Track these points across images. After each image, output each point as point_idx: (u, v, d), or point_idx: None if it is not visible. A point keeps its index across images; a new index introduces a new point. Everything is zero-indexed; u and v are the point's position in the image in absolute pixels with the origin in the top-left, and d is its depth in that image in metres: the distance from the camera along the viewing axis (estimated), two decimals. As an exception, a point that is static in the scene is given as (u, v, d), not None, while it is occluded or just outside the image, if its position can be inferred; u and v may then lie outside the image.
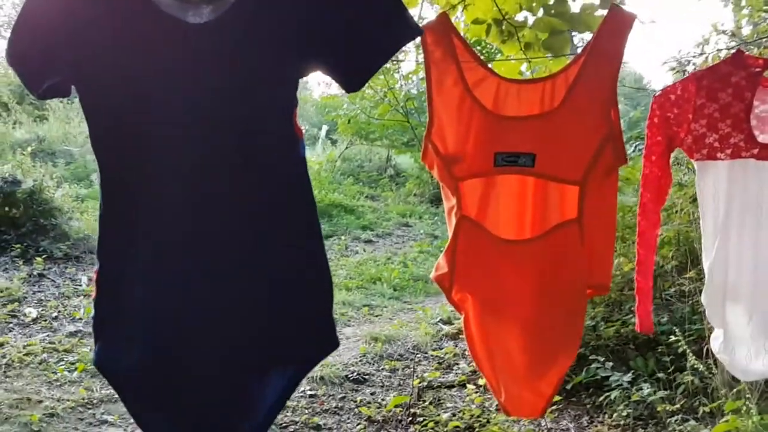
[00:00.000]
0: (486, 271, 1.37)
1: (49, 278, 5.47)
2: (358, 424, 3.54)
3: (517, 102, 1.35)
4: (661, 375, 3.65)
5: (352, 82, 1.16)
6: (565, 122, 1.30)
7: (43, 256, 5.69)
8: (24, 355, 4.01)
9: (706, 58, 5.06)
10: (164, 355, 1.13)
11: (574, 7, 1.90)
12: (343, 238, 7.77)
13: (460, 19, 2.07)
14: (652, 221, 1.65)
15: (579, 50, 1.49)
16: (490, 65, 1.36)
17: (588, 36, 1.90)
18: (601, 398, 3.68)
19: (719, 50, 6.09)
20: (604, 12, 1.86)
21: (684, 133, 1.56)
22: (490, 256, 1.36)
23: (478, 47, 6.61)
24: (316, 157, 11.45)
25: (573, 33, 2.29)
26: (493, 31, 1.98)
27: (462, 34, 1.41)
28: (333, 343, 1.19)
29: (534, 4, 1.94)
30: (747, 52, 1.59)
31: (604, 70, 1.31)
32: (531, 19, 1.99)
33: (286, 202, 1.13)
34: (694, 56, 6.16)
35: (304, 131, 1.18)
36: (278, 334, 1.15)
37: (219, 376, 1.14)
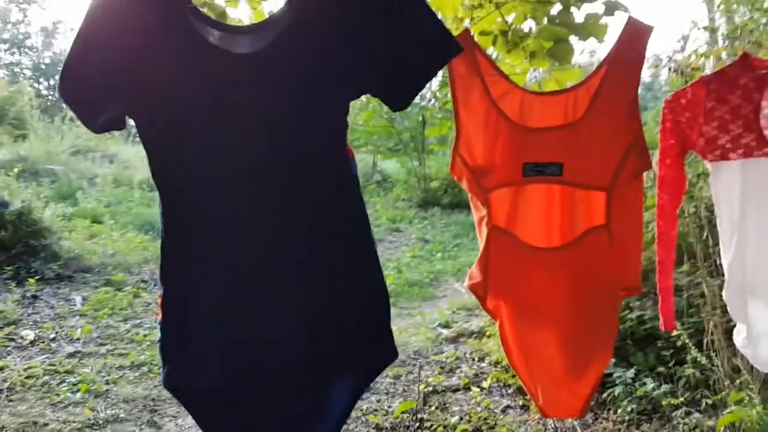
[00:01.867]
0: (518, 278, 1.40)
1: (42, 299, 5.42)
2: (366, 432, 3.55)
3: (542, 113, 1.39)
4: (661, 369, 3.70)
5: (398, 101, 1.19)
6: (590, 131, 1.34)
7: (36, 278, 5.64)
8: (25, 378, 3.97)
9: (690, 55, 5.15)
10: (236, 374, 1.17)
11: (579, 16, 1.94)
12: (334, 245, 7.76)
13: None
14: (670, 222, 1.69)
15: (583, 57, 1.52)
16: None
17: (595, 44, 1.93)
18: (605, 394, 3.72)
19: (699, 47, 6.19)
20: (608, 19, 1.90)
21: (696, 136, 1.60)
22: (522, 263, 1.40)
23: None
24: (301, 165, 11.43)
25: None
26: (499, 41, 2.01)
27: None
28: (393, 354, 1.23)
29: (538, 14, 1.97)
30: (726, 47, 1.63)
31: (625, 79, 1.35)
32: (535, 29, 2.02)
33: (342, 220, 1.17)
34: (676, 52, 6.26)
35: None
36: (342, 346, 1.19)
37: (289, 390, 1.18)
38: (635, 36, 1.35)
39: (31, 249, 5.99)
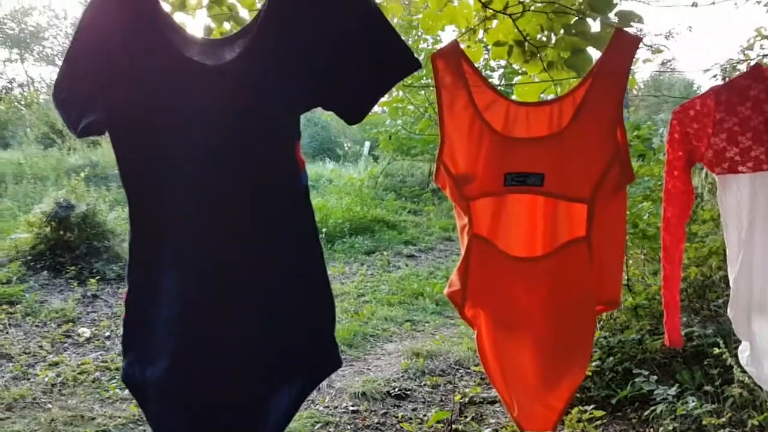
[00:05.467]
0: (497, 287, 1.40)
1: (102, 299, 5.67)
2: (399, 440, 3.57)
3: (526, 124, 1.39)
4: (708, 388, 3.58)
5: (350, 115, 1.21)
6: (573, 142, 1.33)
7: (97, 278, 5.90)
8: (78, 373, 4.16)
9: (749, 63, 4.97)
10: (185, 369, 1.21)
11: (594, 27, 1.92)
12: (385, 253, 7.82)
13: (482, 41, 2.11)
14: (676, 236, 1.65)
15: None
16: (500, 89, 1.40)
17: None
18: (647, 412, 3.62)
19: (765, 56, 5.98)
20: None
21: (704, 148, 1.57)
22: (501, 273, 1.40)
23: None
24: (358, 174, 11.57)
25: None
26: (515, 51, 2.01)
27: (485, 56, 1.45)
28: (336, 363, 1.26)
29: (554, 25, 1.97)
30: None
31: (610, 91, 1.33)
32: (553, 39, 2.02)
33: (289, 230, 1.20)
34: (738, 62, 6.06)
35: (347, 146, 1.24)
36: (286, 355, 1.22)
37: (231, 394, 1.22)
38: (622, 48, 1.33)
39: (94, 250, 6.28)
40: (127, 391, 3.97)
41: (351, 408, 3.90)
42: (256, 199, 1.18)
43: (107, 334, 4.94)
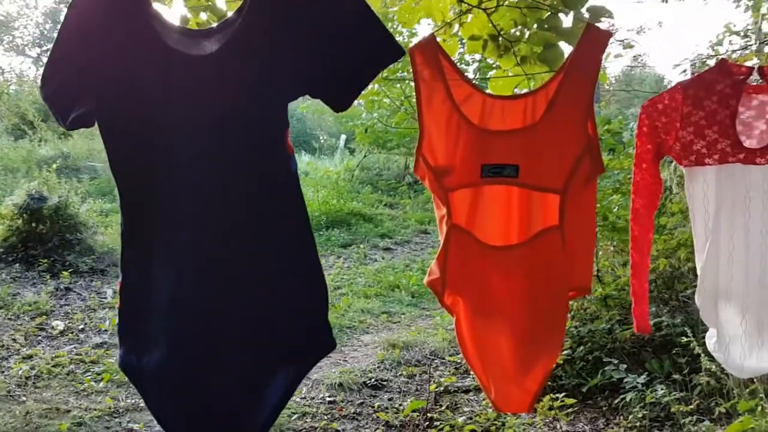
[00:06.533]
0: (475, 275, 1.45)
1: (75, 291, 5.63)
2: (376, 429, 3.61)
3: (502, 117, 1.43)
4: (677, 376, 3.67)
5: (337, 102, 1.23)
6: (546, 135, 1.38)
7: (70, 270, 5.85)
8: (52, 366, 4.14)
9: (718, 58, 5.07)
10: (182, 359, 1.23)
11: (567, 22, 1.97)
12: (361, 246, 7.85)
13: (456, 35, 2.14)
14: (645, 226, 1.70)
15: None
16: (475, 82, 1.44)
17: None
18: (617, 400, 3.71)
19: (734, 51, 6.10)
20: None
21: (672, 141, 1.62)
22: (479, 261, 1.44)
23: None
24: (334, 167, 11.56)
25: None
26: (489, 46, 2.05)
27: (461, 50, 1.48)
28: (330, 345, 1.29)
29: (528, 20, 2.01)
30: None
31: (581, 85, 1.38)
32: (526, 33, 2.06)
33: (281, 215, 1.23)
34: (708, 57, 6.18)
35: (322, 139, 1.27)
36: (281, 338, 1.25)
37: (230, 378, 1.24)
38: (593, 43, 1.38)
39: (67, 243, 6.22)
40: (102, 384, 3.96)
41: (328, 398, 3.94)
42: (248, 188, 1.20)
43: (81, 326, 4.91)
